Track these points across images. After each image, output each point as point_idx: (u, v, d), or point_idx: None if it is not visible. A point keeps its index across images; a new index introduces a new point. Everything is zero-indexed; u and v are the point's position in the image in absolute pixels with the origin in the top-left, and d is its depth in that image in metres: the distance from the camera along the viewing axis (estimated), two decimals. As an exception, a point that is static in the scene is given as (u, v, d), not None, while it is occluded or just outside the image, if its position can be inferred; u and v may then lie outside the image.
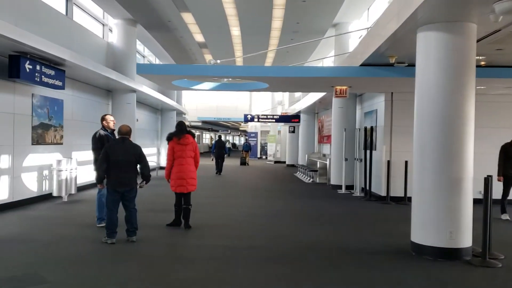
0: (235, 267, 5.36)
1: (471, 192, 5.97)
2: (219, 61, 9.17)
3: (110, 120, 7.43)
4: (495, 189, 6.22)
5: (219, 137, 23.57)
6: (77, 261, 5.46)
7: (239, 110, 38.39)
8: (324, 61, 19.78)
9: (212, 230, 7.46)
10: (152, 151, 21.58)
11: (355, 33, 14.22)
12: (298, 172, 20.68)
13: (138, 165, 6.52)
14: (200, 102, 40.31)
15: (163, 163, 21.00)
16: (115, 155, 6.26)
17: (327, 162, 15.81)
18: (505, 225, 8.40)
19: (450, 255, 5.82)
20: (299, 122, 24.62)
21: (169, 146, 7.47)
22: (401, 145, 11.35)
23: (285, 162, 28.41)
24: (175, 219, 7.63)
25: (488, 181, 5.76)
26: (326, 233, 7.55)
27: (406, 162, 11.02)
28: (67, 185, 10.35)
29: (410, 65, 8.72)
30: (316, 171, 17.11)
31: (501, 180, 8.75)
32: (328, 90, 11.81)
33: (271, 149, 31.87)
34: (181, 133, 7.43)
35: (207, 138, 58.39)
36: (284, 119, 26.69)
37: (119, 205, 6.47)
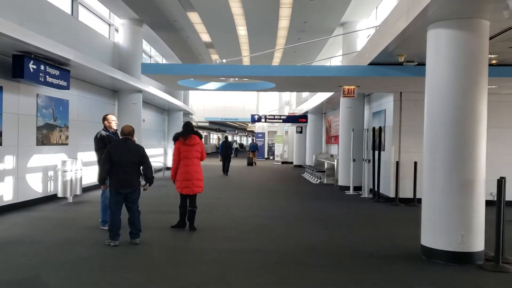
0: (239, 271, 5.23)
1: (483, 194, 5.78)
2: (224, 60, 9.04)
3: (112, 120, 7.31)
4: (508, 190, 6.03)
5: (226, 138, 23.53)
6: (79, 264, 5.36)
7: (246, 111, 38.29)
8: (332, 60, 19.59)
9: (217, 232, 7.33)
10: (159, 151, 21.52)
11: (363, 33, 14.04)
12: (305, 173, 20.52)
13: (141, 167, 6.40)
14: (208, 103, 40.26)
15: (170, 163, 20.93)
16: (117, 156, 6.15)
17: (335, 163, 15.63)
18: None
19: (462, 259, 5.64)
20: (306, 122, 24.45)
21: (175, 146, 7.36)
22: (410, 145, 11.18)
23: (292, 163, 28.25)
24: (180, 221, 7.51)
25: (501, 183, 5.58)
26: (333, 235, 7.40)
27: (415, 163, 10.86)
28: (72, 186, 10.28)
29: (420, 64, 8.53)
30: (324, 171, 16.94)
31: None
32: (335, 89, 11.65)
33: (278, 149, 31.70)
34: (187, 133, 7.32)
35: (214, 138, 58.33)
36: (291, 119, 26.51)
37: (122, 207, 6.37)
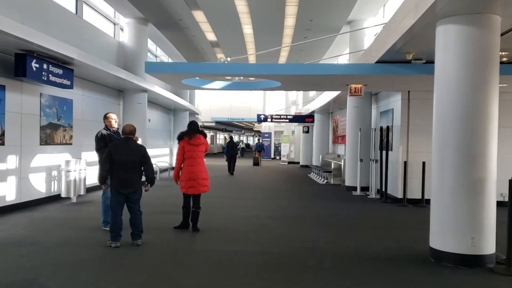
0: (243, 275, 5.09)
1: (494, 195, 5.60)
2: (229, 58, 8.90)
3: (112, 118, 7.20)
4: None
5: (231, 138, 23.47)
6: (79, 266, 5.26)
7: (252, 110, 38.15)
8: (339, 59, 19.41)
9: (220, 234, 7.20)
10: (165, 151, 21.45)
11: (371, 31, 13.86)
12: (312, 173, 20.34)
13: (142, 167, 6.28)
14: (214, 103, 40.19)
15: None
16: (118, 155, 6.04)
17: (342, 163, 15.45)
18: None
19: (472, 262, 5.46)
20: (313, 122, 24.28)
21: (179, 145, 7.25)
22: (418, 145, 10.99)
23: (299, 163, 28.08)
24: (183, 221, 7.40)
25: (513, 184, 5.40)
26: (339, 237, 7.24)
27: (424, 163, 10.68)
28: (75, 186, 10.21)
29: (428, 62, 8.36)
30: (330, 172, 16.76)
31: None
32: (342, 88, 11.48)
33: (284, 149, 31.55)
34: (192, 132, 7.21)
35: (221, 138, 58.27)
36: (298, 119, 26.34)
37: (124, 207, 6.26)
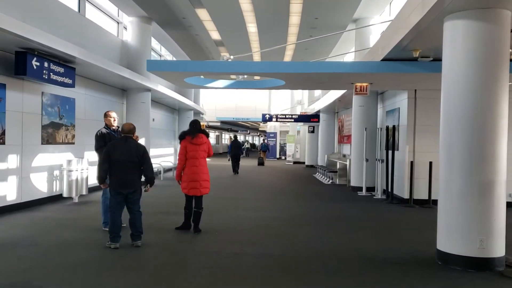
0: (243, 278, 4.94)
1: (504, 196, 5.43)
2: (232, 57, 8.76)
3: (111, 117, 7.07)
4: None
5: (235, 137, 23.35)
6: (76, 268, 5.13)
7: (258, 110, 37.99)
8: (345, 58, 19.23)
9: (222, 235, 7.05)
10: (169, 151, 21.36)
11: (377, 30, 13.68)
12: (317, 173, 20.16)
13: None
14: (219, 102, 40.09)
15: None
16: (117, 155, 5.92)
17: (347, 163, 15.26)
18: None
19: (481, 265, 5.28)
20: (318, 121, 24.10)
21: (181, 145, 7.12)
22: (425, 145, 10.81)
23: (304, 163, 27.91)
24: (185, 222, 7.27)
25: (524, 185, 5.22)
26: (344, 239, 7.07)
27: (431, 163, 10.51)
28: (77, 186, 10.11)
29: (436, 59, 8.16)
30: (336, 172, 16.58)
31: None
32: (347, 87, 11.31)
33: (290, 149, 31.39)
34: (194, 132, 7.07)
35: (226, 138, 58.17)
36: (303, 118, 26.17)
37: (124, 208, 6.14)
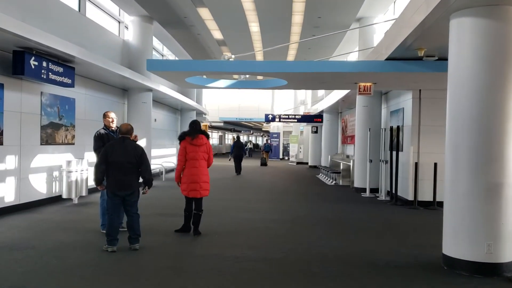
0: (243, 282, 4.79)
1: (512, 199, 5.26)
2: (233, 56, 8.62)
3: (110, 117, 6.93)
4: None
5: (238, 138, 23.24)
6: (73, 271, 5.00)
7: (261, 110, 37.84)
8: (348, 58, 19.06)
9: (223, 238, 6.91)
10: (171, 151, 21.24)
11: (381, 29, 13.50)
12: (320, 174, 20.00)
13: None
14: (222, 102, 39.95)
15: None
16: (114, 156, 5.78)
17: (351, 164, 15.09)
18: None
19: (488, 270, 5.12)
20: (322, 122, 23.94)
21: (181, 146, 6.97)
22: (430, 146, 10.65)
23: (307, 163, 27.74)
24: (184, 224, 7.13)
25: (533, 187, 5.04)
26: (347, 242, 6.90)
27: (436, 164, 10.34)
28: (77, 187, 9.99)
29: (441, 59, 8.01)
30: (339, 173, 16.41)
31: None
32: (351, 87, 11.14)
33: (293, 150, 31.22)
34: (194, 132, 6.93)
35: (229, 138, 58.05)
36: (306, 119, 26.00)
37: (121, 210, 6.01)
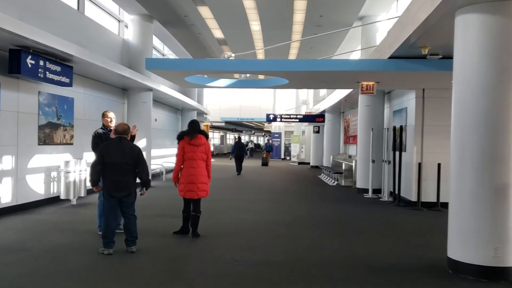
0: (242, 287, 4.65)
1: (520, 201, 5.10)
2: (233, 55, 8.47)
3: (108, 117, 6.77)
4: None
5: (239, 138, 23.16)
6: (67, 275, 4.87)
7: (262, 110, 37.68)
8: (350, 57, 18.88)
9: (222, 240, 6.76)
10: (172, 151, 21.10)
11: (383, 28, 13.33)
12: (322, 174, 19.83)
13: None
14: (223, 102, 39.83)
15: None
16: (110, 157, 5.64)
17: (353, 164, 14.93)
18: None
19: (495, 275, 4.96)
20: (323, 122, 23.78)
21: (179, 145, 6.82)
22: (433, 146, 10.48)
23: (309, 163, 27.58)
24: (183, 226, 6.98)
25: (542, 189, 4.88)
26: (349, 244, 6.74)
27: (439, 165, 10.18)
28: (75, 188, 9.86)
29: (445, 57, 7.84)
30: (341, 173, 16.24)
31: None
32: (353, 86, 10.98)
33: (294, 150, 31.06)
34: (193, 132, 6.78)
35: (231, 138, 57.93)
36: (308, 118, 25.84)
37: (118, 211, 5.87)
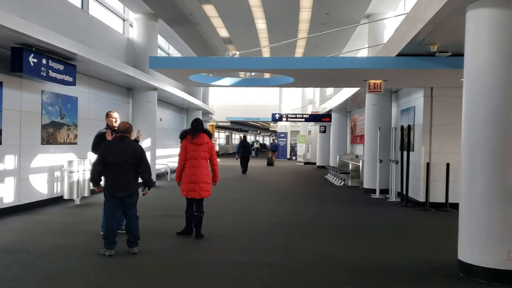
0: (245, 290, 4.51)
1: (534, 202, 4.91)
2: (238, 52, 8.33)
3: (113, 117, 6.66)
4: None
5: (244, 137, 23.07)
6: (65, 277, 4.75)
7: (268, 110, 37.51)
8: (357, 55, 18.70)
9: (225, 242, 6.61)
10: (177, 151, 21.01)
11: (391, 26, 13.15)
12: (328, 174, 19.65)
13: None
14: (229, 102, 39.71)
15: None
16: (111, 156, 5.52)
17: (360, 164, 14.74)
18: None
19: (508, 278, 4.77)
20: (330, 121, 23.60)
21: (181, 145, 6.71)
22: (442, 145, 10.31)
23: (315, 163, 27.39)
24: (186, 227, 6.86)
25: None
26: (357, 246, 6.56)
27: (448, 165, 10.00)
28: (79, 187, 9.77)
29: (455, 54, 7.66)
30: (348, 173, 16.06)
31: None
32: (360, 84, 10.80)
33: (300, 149, 30.87)
34: (196, 131, 6.66)
35: (236, 138, 57.83)
36: (314, 118, 25.66)
37: (120, 212, 5.75)
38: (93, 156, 10.71)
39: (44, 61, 8.37)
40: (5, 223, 7.56)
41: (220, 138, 47.62)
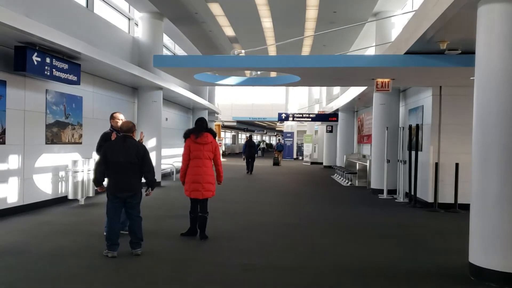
0: (249, 294, 4.40)
1: (548, 204, 4.75)
2: (243, 51, 8.22)
3: (119, 119, 6.57)
4: None
5: (250, 137, 23.00)
6: (66, 279, 4.67)
7: (274, 109, 37.37)
8: (365, 54, 18.52)
9: (230, 243, 6.50)
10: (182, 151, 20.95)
11: (399, 24, 12.97)
12: (335, 174, 19.48)
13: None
14: (235, 102, 39.62)
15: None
16: (114, 156, 5.42)
17: (367, 164, 14.57)
18: None
19: (521, 282, 4.63)
20: (337, 121, 23.43)
21: (185, 144, 6.62)
22: (451, 145, 10.15)
23: (322, 163, 27.23)
24: (190, 227, 6.76)
25: None
26: (364, 249, 6.42)
27: (457, 165, 9.84)
28: (83, 188, 9.71)
29: (465, 52, 7.50)
30: (355, 173, 15.89)
31: None
32: (368, 83, 10.64)
33: (307, 149, 30.71)
34: (200, 130, 6.56)
35: (242, 138, 57.75)
36: (321, 118, 25.49)
37: (122, 213, 5.67)
38: (98, 157, 10.70)
39: (48, 60, 8.30)
40: (8, 223, 7.50)
41: (226, 138, 47.55)
